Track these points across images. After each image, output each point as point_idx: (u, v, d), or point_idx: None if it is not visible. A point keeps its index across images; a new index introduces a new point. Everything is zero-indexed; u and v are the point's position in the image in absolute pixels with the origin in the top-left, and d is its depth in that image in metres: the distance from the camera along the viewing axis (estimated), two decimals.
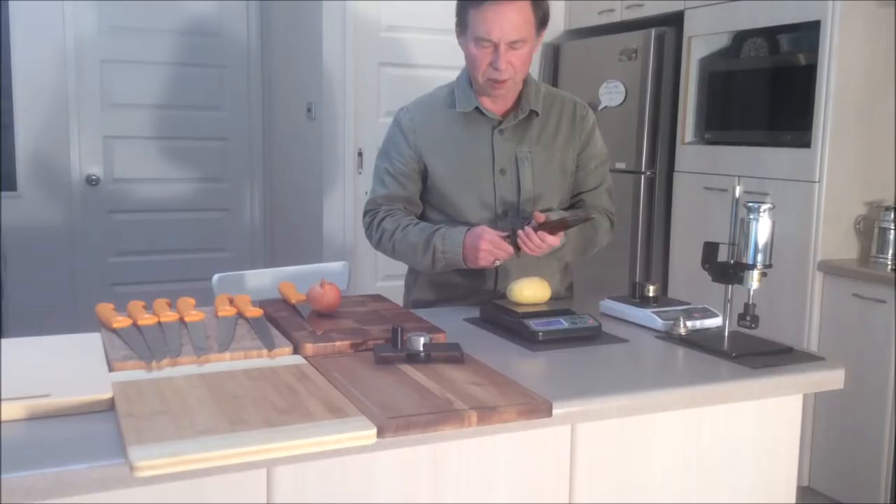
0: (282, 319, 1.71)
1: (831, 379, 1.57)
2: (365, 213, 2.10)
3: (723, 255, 1.67)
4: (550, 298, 1.85)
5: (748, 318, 1.64)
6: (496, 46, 1.88)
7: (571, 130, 2.07)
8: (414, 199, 2.07)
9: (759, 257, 1.62)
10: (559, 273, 2.12)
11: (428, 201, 2.09)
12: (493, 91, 1.96)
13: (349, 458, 1.23)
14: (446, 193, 2.04)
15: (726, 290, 1.67)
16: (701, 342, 1.67)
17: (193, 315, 1.68)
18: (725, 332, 1.69)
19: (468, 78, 2.02)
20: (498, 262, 1.90)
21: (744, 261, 1.63)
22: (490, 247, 1.85)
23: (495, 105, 2.01)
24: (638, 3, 3.75)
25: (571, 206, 2.11)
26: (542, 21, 1.93)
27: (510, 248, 1.87)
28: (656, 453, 1.48)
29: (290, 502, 1.22)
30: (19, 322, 3.98)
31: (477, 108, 2.00)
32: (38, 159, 4.16)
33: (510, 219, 2.02)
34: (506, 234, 1.88)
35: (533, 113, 2.02)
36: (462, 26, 1.94)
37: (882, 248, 2.94)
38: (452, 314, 1.91)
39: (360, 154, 3.92)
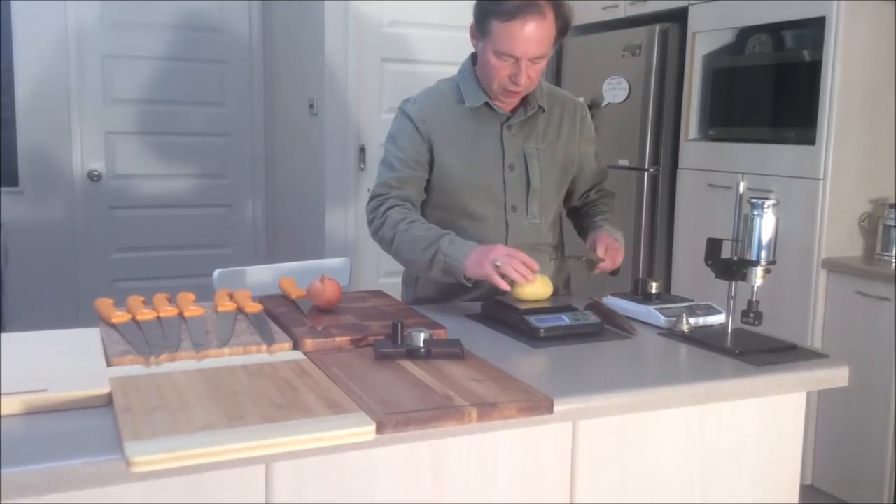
0: (282, 315, 1.70)
1: (835, 376, 1.55)
2: (372, 198, 1.99)
3: (726, 252, 1.66)
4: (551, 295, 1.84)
5: (751, 314, 1.63)
6: (518, 60, 1.85)
7: (573, 131, 2.08)
8: (423, 185, 2.01)
9: (763, 254, 1.60)
10: (555, 268, 2.11)
11: (430, 198, 2.05)
12: (506, 98, 1.97)
13: (348, 455, 1.22)
14: (454, 187, 2.01)
15: (730, 286, 1.66)
16: (704, 339, 1.66)
17: (193, 310, 1.67)
18: (729, 329, 1.68)
19: (473, 73, 2.00)
20: (502, 268, 1.75)
21: (747, 257, 1.62)
22: (507, 251, 1.76)
23: (504, 102, 2.00)
24: None
25: (582, 206, 2.20)
26: (562, 31, 1.89)
27: (535, 265, 1.76)
28: (658, 451, 1.47)
29: (289, 499, 1.21)
30: (20, 318, 3.98)
31: (486, 104, 1.99)
32: (39, 155, 4.16)
33: (518, 214, 2.01)
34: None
35: (540, 109, 2.02)
36: (482, 32, 1.90)
37: (886, 246, 2.92)
38: (453, 310, 1.90)
39: (362, 150, 3.91)
